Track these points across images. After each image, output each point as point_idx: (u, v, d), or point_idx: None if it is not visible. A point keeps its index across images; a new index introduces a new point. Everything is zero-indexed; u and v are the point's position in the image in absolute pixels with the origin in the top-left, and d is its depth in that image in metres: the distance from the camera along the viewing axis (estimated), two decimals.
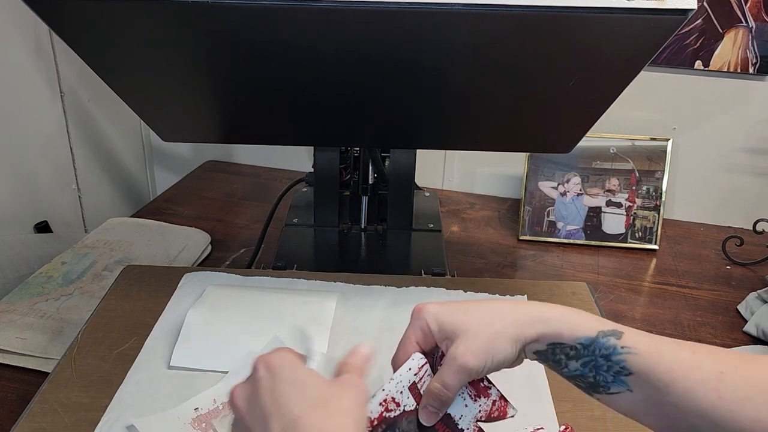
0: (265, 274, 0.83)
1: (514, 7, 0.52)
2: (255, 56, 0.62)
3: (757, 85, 1.10)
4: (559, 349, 0.45)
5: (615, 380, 0.43)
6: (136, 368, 0.66)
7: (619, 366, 0.43)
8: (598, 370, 0.44)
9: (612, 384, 0.43)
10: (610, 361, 0.43)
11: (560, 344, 0.45)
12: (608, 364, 0.43)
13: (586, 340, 0.44)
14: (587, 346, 0.44)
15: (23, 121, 1.02)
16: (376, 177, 0.97)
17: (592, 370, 0.44)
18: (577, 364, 0.45)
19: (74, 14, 0.56)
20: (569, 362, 0.45)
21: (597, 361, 0.44)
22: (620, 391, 0.43)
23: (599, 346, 0.44)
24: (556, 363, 0.46)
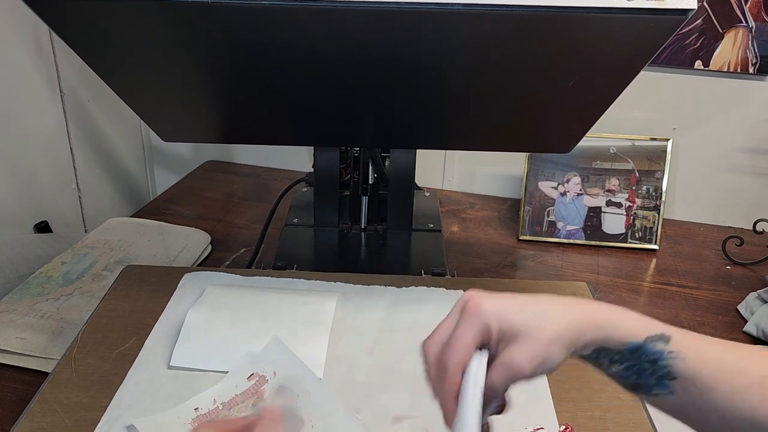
0: (265, 274, 0.82)
1: (514, 7, 0.52)
2: (255, 56, 0.62)
3: (757, 85, 1.10)
4: (605, 354, 0.44)
5: (658, 384, 0.43)
6: (136, 368, 0.66)
7: (664, 371, 0.43)
8: (641, 374, 0.43)
9: (654, 387, 0.43)
10: (655, 366, 0.43)
11: (606, 349, 0.44)
12: (653, 369, 0.43)
13: (633, 346, 0.43)
14: (634, 351, 0.43)
15: (23, 121, 1.02)
16: (376, 177, 0.97)
17: (635, 374, 0.44)
18: (620, 368, 0.44)
19: (74, 14, 0.56)
20: (612, 366, 0.44)
21: (642, 365, 0.43)
22: (662, 393, 0.43)
23: (646, 352, 0.43)
24: (597, 365, 0.45)
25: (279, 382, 0.63)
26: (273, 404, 0.59)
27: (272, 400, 0.61)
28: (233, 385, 0.63)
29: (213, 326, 0.70)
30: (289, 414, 0.58)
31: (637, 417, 0.63)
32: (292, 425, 0.58)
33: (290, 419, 0.56)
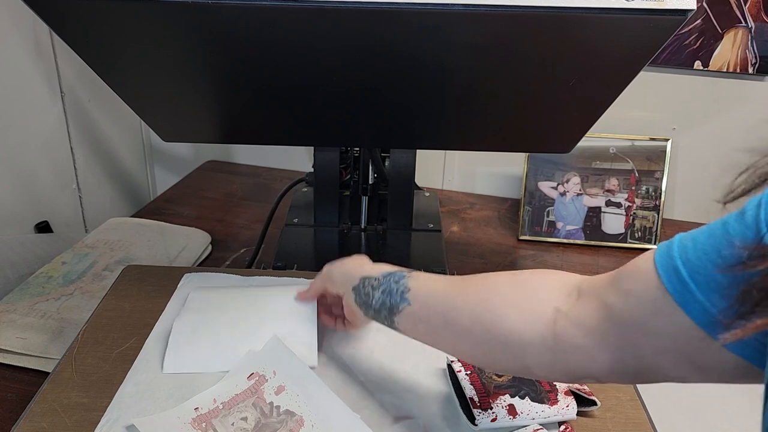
0: (265, 274, 0.83)
1: (514, 7, 0.53)
2: (255, 56, 0.62)
3: (756, 85, 1.10)
4: (368, 281, 0.60)
5: (401, 299, 0.56)
6: (136, 368, 0.66)
7: (403, 287, 0.57)
8: (391, 294, 0.57)
9: (399, 303, 0.56)
10: (398, 284, 0.57)
11: (369, 277, 0.61)
12: (397, 287, 0.57)
13: (386, 273, 0.60)
14: (386, 276, 0.59)
15: (23, 121, 1.02)
16: (376, 177, 0.97)
17: (387, 295, 0.58)
18: (378, 293, 0.59)
19: (74, 14, 0.56)
20: (374, 293, 0.59)
21: (390, 285, 0.58)
22: (404, 306, 0.56)
23: (394, 276, 0.59)
24: (366, 296, 0.60)
25: (279, 381, 0.63)
26: None
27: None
28: (233, 384, 0.63)
29: (200, 330, 0.69)
30: None
31: (637, 417, 0.63)
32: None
33: None
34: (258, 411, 0.60)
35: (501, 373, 0.63)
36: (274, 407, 0.61)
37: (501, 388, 0.62)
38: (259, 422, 0.59)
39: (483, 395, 0.61)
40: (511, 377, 0.63)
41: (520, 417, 0.60)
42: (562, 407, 0.61)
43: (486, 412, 0.60)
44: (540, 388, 0.62)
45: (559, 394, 0.62)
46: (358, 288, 0.61)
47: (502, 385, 0.62)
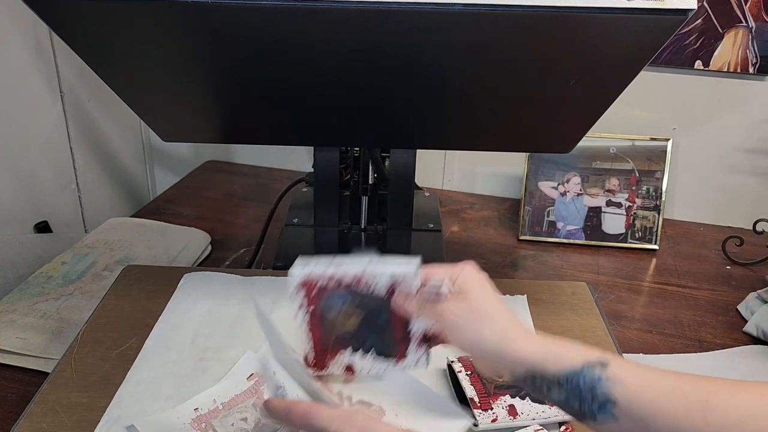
0: (265, 274, 0.83)
1: (514, 7, 0.52)
2: (255, 56, 0.62)
3: (757, 85, 1.10)
4: (539, 380, 0.46)
5: (600, 410, 0.43)
6: (136, 368, 0.66)
7: (603, 397, 0.43)
8: (582, 401, 0.44)
9: (598, 413, 0.44)
10: (593, 392, 0.44)
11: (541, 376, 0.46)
12: (593, 395, 0.44)
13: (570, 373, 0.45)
14: (571, 379, 0.45)
15: (23, 121, 1.02)
16: (376, 177, 0.97)
17: (577, 400, 0.44)
18: (560, 395, 0.45)
19: (74, 14, 0.56)
20: (551, 392, 0.46)
21: (582, 392, 0.44)
22: (606, 419, 0.43)
23: (583, 378, 0.44)
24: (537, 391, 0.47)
25: (278, 381, 0.63)
26: None
27: None
28: (233, 385, 0.63)
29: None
30: None
31: None
32: None
33: None
34: (258, 411, 0.60)
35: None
36: None
37: (501, 389, 0.62)
38: (258, 422, 0.59)
39: (483, 395, 0.61)
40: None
41: (520, 417, 0.60)
42: None
43: (486, 412, 0.60)
44: None
45: None
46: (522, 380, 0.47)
47: (503, 386, 0.62)
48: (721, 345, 0.86)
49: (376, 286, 0.53)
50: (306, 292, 0.53)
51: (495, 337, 0.48)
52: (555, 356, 0.46)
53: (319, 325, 0.55)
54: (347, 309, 0.53)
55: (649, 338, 0.87)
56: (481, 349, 0.48)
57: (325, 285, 0.53)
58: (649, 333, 0.88)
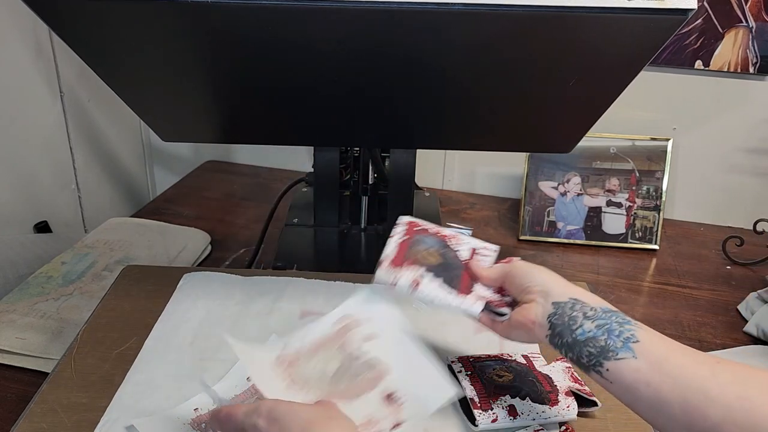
0: (265, 273, 0.82)
1: (514, 7, 0.52)
2: (255, 56, 0.62)
3: (757, 85, 1.10)
4: (579, 306, 0.52)
5: (624, 346, 0.48)
6: (135, 368, 0.66)
7: (629, 333, 0.48)
8: (610, 333, 0.49)
9: (621, 349, 0.48)
10: (622, 327, 0.49)
11: (582, 302, 0.52)
12: (620, 330, 0.49)
13: (606, 308, 0.52)
14: (606, 312, 0.51)
15: (23, 121, 1.02)
16: (376, 177, 0.97)
17: (605, 333, 0.49)
18: (591, 325, 0.50)
19: (74, 14, 0.56)
20: (585, 321, 0.51)
21: (611, 324, 0.49)
22: (627, 357, 0.47)
23: (616, 316, 0.50)
24: (571, 320, 0.51)
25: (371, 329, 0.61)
26: None
27: None
28: (233, 385, 0.63)
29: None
30: None
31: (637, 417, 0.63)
32: None
33: None
34: (344, 355, 0.57)
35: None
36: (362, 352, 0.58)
37: (501, 389, 0.62)
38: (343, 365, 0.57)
39: (483, 396, 0.61)
40: (512, 377, 0.63)
41: (520, 417, 0.60)
42: (562, 408, 0.61)
43: (486, 412, 0.60)
44: (540, 388, 0.62)
45: (559, 395, 0.62)
46: (562, 306, 0.53)
47: (503, 386, 0.62)
48: (721, 345, 0.86)
49: (461, 250, 0.63)
50: (408, 228, 0.64)
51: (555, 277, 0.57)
52: (598, 299, 0.53)
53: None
54: (432, 250, 0.62)
55: None
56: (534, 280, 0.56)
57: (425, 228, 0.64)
58: None
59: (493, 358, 0.66)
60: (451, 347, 0.69)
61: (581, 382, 0.64)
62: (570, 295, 0.53)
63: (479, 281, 0.61)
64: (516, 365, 0.65)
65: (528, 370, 0.65)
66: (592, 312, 0.51)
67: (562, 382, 0.63)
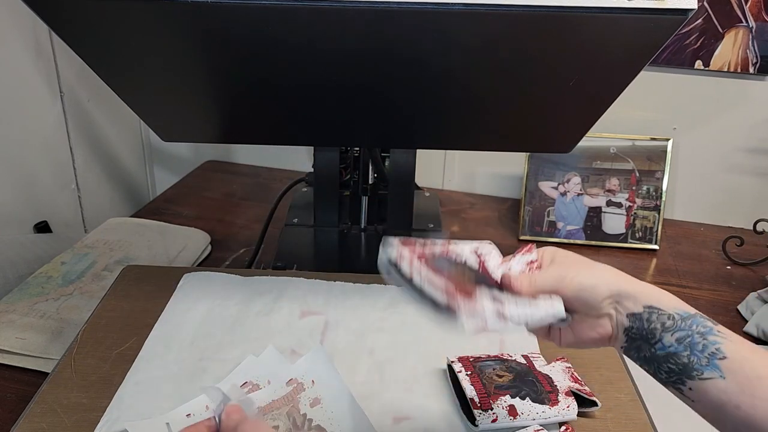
0: (265, 273, 0.82)
1: (514, 7, 0.52)
2: (255, 56, 0.62)
3: (757, 85, 1.10)
4: (656, 315, 0.46)
5: (709, 364, 0.43)
6: (135, 369, 0.66)
7: (714, 347, 0.43)
8: (693, 348, 0.43)
9: (706, 368, 0.43)
10: (706, 339, 0.43)
11: (658, 309, 0.46)
12: (704, 343, 0.43)
13: (684, 314, 0.45)
14: (685, 318, 0.45)
15: (23, 121, 1.02)
16: (376, 177, 0.97)
17: (687, 348, 0.44)
18: (671, 339, 0.44)
19: (74, 14, 0.56)
20: (664, 335, 0.45)
21: (693, 337, 0.44)
22: (713, 377, 0.42)
23: (697, 323, 0.44)
24: (650, 333, 0.46)
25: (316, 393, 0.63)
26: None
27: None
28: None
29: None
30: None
31: (637, 417, 0.63)
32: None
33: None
34: (291, 421, 0.59)
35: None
36: (306, 419, 0.60)
37: (501, 389, 0.62)
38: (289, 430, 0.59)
39: (483, 396, 0.61)
40: (512, 377, 0.63)
41: (520, 418, 0.60)
42: (562, 408, 0.61)
43: (486, 412, 0.60)
44: (541, 388, 0.62)
45: (559, 395, 0.62)
46: (639, 318, 0.47)
47: (503, 386, 0.62)
48: None
49: (466, 258, 0.53)
50: (410, 248, 0.52)
51: (615, 276, 0.49)
52: (670, 298, 0.47)
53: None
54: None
55: None
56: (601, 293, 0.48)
57: (422, 249, 0.52)
58: None
59: (493, 358, 0.66)
60: (451, 347, 0.69)
61: (581, 382, 0.64)
62: (644, 302, 0.47)
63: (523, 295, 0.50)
64: (516, 365, 0.65)
65: (528, 370, 0.65)
66: (670, 322, 0.45)
67: (562, 382, 0.63)
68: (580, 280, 0.48)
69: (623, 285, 0.48)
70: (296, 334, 0.72)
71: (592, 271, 0.49)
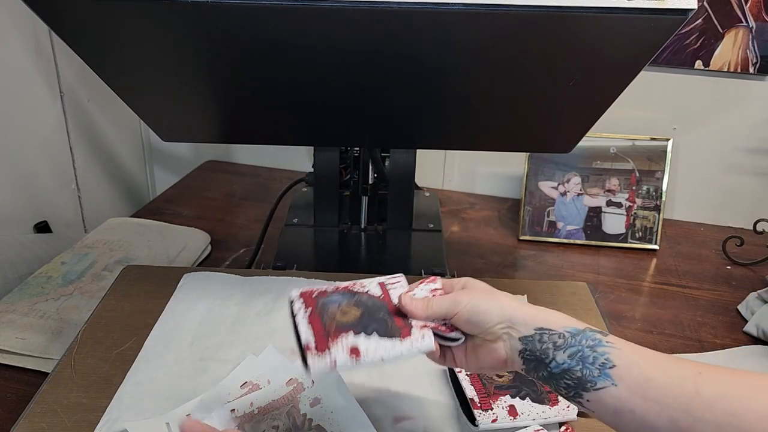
0: (265, 273, 0.82)
1: (514, 7, 0.52)
2: (255, 56, 0.62)
3: (757, 85, 1.10)
4: (547, 336, 0.48)
5: (601, 374, 0.45)
6: (135, 368, 0.66)
7: (604, 358, 0.45)
8: (584, 362, 0.46)
9: (598, 378, 0.45)
10: (595, 352, 0.46)
11: (548, 330, 0.48)
12: (594, 355, 0.46)
13: (574, 330, 0.48)
14: (575, 335, 0.47)
15: (23, 121, 1.02)
16: (376, 177, 0.97)
17: (579, 362, 0.46)
18: (564, 356, 0.47)
19: (74, 14, 0.56)
20: (557, 353, 0.47)
21: (583, 351, 0.46)
22: (606, 385, 0.45)
23: (586, 337, 0.47)
24: (543, 354, 0.48)
25: (315, 392, 0.63)
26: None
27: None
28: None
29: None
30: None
31: None
32: None
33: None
34: (290, 421, 0.59)
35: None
36: (306, 419, 0.59)
37: (501, 389, 0.62)
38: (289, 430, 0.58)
39: (483, 396, 0.61)
40: (512, 377, 0.63)
41: (520, 418, 0.60)
42: (562, 408, 0.61)
43: (486, 412, 0.60)
44: (541, 388, 0.62)
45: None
46: (530, 341, 0.49)
47: (503, 386, 0.62)
48: (721, 345, 0.86)
49: (369, 289, 0.56)
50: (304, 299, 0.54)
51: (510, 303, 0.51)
52: (561, 317, 0.49)
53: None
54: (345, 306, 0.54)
55: (649, 338, 0.87)
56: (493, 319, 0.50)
57: (323, 290, 0.55)
58: (650, 333, 0.88)
59: None
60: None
61: None
62: (534, 324, 0.49)
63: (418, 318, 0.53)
64: None
65: None
66: (561, 340, 0.47)
67: None
68: (475, 303, 0.51)
69: (516, 311, 0.50)
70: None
71: (489, 297, 0.52)
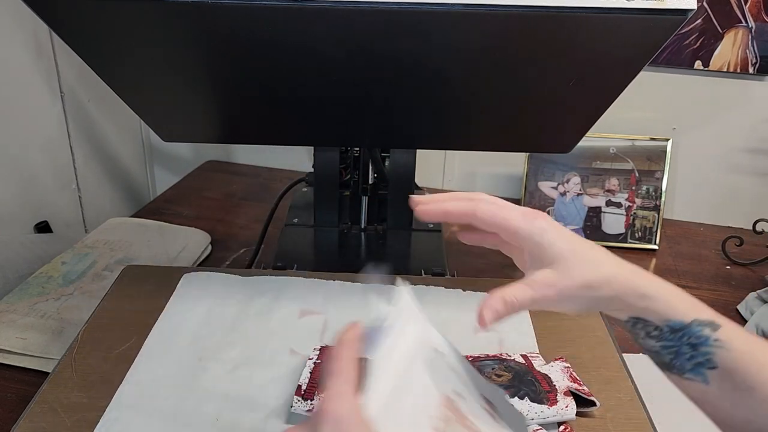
0: (265, 273, 0.83)
1: (514, 7, 0.52)
2: (255, 56, 0.62)
3: (757, 85, 1.10)
4: (641, 325, 0.43)
5: (694, 369, 0.41)
6: (135, 368, 0.66)
7: (704, 358, 0.41)
8: (678, 356, 0.41)
9: (689, 371, 0.41)
10: (696, 350, 0.41)
11: (644, 321, 0.42)
12: (692, 354, 0.41)
13: (676, 325, 0.42)
14: (676, 331, 0.42)
15: (23, 121, 1.02)
16: (376, 177, 0.97)
17: (672, 354, 0.42)
18: (656, 345, 0.42)
19: (74, 14, 0.56)
20: (647, 340, 0.43)
21: (681, 348, 0.41)
22: (695, 380, 0.41)
23: (689, 334, 0.41)
24: (632, 334, 0.44)
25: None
26: None
27: None
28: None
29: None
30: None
31: (637, 417, 0.63)
32: None
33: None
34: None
35: None
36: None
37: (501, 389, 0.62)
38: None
39: None
40: (510, 377, 0.63)
41: None
42: (561, 407, 0.61)
43: None
44: (539, 388, 0.62)
45: (558, 395, 0.62)
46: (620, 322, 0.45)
47: (502, 386, 0.62)
48: None
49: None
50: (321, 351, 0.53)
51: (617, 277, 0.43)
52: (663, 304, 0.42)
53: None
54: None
55: None
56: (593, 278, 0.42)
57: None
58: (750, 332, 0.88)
59: (491, 358, 0.67)
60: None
61: (580, 382, 0.64)
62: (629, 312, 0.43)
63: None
64: (515, 365, 0.65)
65: (527, 370, 0.65)
66: (656, 332, 0.42)
67: (561, 381, 0.63)
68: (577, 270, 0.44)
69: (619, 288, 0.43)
70: (295, 334, 0.72)
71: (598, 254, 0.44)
